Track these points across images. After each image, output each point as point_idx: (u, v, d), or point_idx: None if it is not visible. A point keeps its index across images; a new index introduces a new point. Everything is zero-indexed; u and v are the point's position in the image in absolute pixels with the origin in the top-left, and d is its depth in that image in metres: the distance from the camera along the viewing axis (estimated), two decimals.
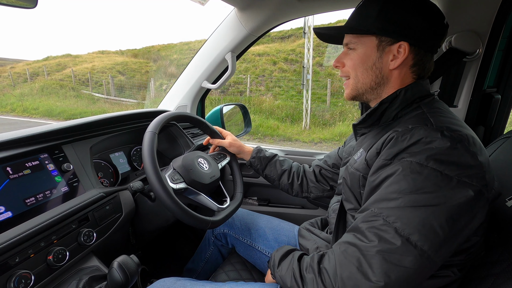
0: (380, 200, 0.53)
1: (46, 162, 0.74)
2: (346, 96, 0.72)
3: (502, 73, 1.03)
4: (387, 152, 0.55)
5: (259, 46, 12.26)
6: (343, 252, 0.53)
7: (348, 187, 0.70)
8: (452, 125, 0.55)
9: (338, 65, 0.71)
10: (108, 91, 12.53)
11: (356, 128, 0.73)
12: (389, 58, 0.63)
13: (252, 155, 1.05)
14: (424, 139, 0.52)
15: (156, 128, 0.85)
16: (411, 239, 0.48)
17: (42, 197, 0.69)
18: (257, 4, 1.08)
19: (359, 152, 0.69)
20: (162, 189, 0.75)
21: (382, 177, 0.55)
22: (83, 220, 0.75)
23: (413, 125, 0.56)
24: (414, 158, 0.51)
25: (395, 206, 0.50)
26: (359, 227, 0.54)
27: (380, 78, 0.65)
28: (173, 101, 1.42)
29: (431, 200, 0.49)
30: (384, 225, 0.50)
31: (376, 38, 0.63)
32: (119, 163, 1.06)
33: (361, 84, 0.67)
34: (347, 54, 0.69)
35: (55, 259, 0.65)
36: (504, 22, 0.93)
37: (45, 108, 10.67)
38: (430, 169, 0.49)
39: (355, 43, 0.66)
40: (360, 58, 0.65)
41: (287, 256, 0.68)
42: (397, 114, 0.64)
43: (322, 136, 7.45)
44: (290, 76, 10.80)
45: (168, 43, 16.98)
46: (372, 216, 0.52)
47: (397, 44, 0.61)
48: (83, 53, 18.19)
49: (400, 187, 0.51)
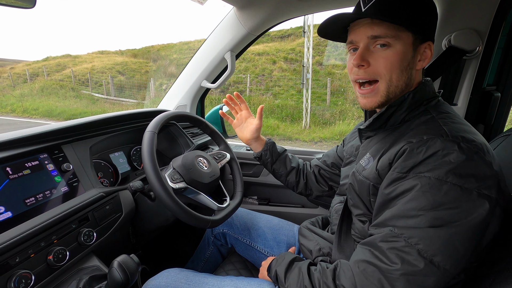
0: (399, 216, 0.52)
1: (45, 162, 0.74)
2: (373, 104, 0.62)
3: (501, 71, 1.03)
4: (402, 165, 0.53)
5: (258, 46, 12.24)
6: (362, 272, 0.52)
7: (356, 193, 0.68)
8: (467, 134, 0.53)
9: (363, 64, 0.59)
10: (108, 91, 12.53)
11: (362, 131, 0.71)
12: (418, 58, 0.60)
13: (264, 148, 1.01)
14: (441, 152, 0.50)
15: (155, 128, 0.85)
16: (434, 260, 0.48)
17: (42, 197, 0.69)
18: (256, 3, 1.07)
19: (366, 157, 0.67)
20: (162, 188, 0.76)
21: (399, 191, 0.53)
22: (83, 220, 0.75)
23: (428, 136, 0.53)
24: (432, 173, 0.49)
25: (416, 224, 0.49)
26: (378, 245, 0.52)
27: (409, 81, 0.60)
28: (173, 100, 1.42)
29: (453, 216, 0.48)
30: (407, 247, 0.49)
31: (412, 34, 0.57)
32: (119, 163, 1.06)
33: (394, 88, 0.60)
34: (371, 50, 0.58)
35: (55, 259, 0.65)
36: (503, 20, 0.92)
37: (45, 108, 10.67)
38: (449, 184, 0.48)
39: (392, 37, 0.56)
40: (398, 57, 0.57)
41: (292, 267, 0.67)
42: (405, 117, 0.62)
43: (322, 135, 7.44)
44: (290, 75, 10.79)
45: (168, 43, 16.98)
46: (393, 237, 0.51)
47: (425, 44, 0.59)
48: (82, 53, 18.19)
49: (420, 204, 0.49)
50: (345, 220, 0.75)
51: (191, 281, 0.75)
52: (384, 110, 0.62)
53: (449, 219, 0.48)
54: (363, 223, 0.68)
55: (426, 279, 0.48)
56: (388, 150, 0.60)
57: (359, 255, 0.55)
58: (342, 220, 0.75)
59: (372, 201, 0.63)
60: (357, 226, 0.71)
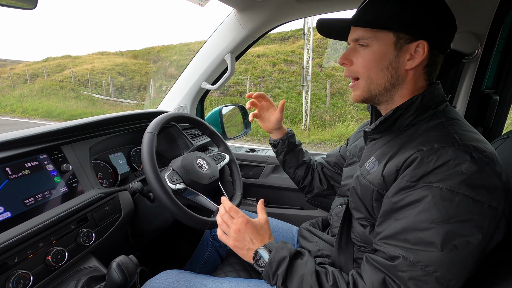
0: (410, 229, 0.51)
1: (45, 162, 0.75)
2: (356, 98, 0.66)
3: (500, 74, 1.03)
4: (411, 174, 0.52)
5: (258, 47, 12.27)
6: None
7: (359, 197, 0.67)
8: (478, 143, 0.52)
9: (346, 63, 0.65)
10: (108, 92, 12.54)
11: (367, 134, 0.70)
12: (406, 58, 0.59)
13: (284, 137, 1.00)
14: (452, 162, 0.49)
15: (155, 129, 0.85)
16: (451, 284, 0.48)
17: (41, 198, 0.69)
18: (256, 5, 1.08)
19: (370, 160, 0.66)
20: (161, 189, 0.76)
21: (408, 200, 0.52)
22: (82, 221, 0.75)
23: (439, 145, 0.52)
24: (444, 183, 0.49)
25: (428, 239, 0.49)
26: (397, 274, 0.51)
27: (396, 79, 0.61)
28: (173, 102, 1.42)
29: (465, 230, 0.48)
30: (425, 276, 0.49)
31: (393, 34, 0.58)
32: (118, 163, 1.06)
33: (375, 86, 0.62)
34: (356, 51, 0.63)
35: (54, 259, 0.65)
36: (502, 23, 0.93)
37: (45, 109, 10.68)
38: (461, 195, 0.48)
39: (368, 38, 0.60)
40: (375, 56, 0.60)
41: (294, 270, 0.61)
42: (411, 121, 0.61)
43: (322, 137, 7.45)
44: (290, 77, 10.81)
45: (168, 44, 17.01)
46: (409, 266, 0.50)
47: (415, 43, 0.58)
48: (82, 54, 18.23)
49: (431, 216, 0.49)
50: (346, 223, 0.74)
51: (189, 282, 0.75)
52: (391, 112, 0.61)
53: (462, 233, 0.47)
54: (364, 227, 0.67)
55: None
56: (396, 155, 0.58)
57: (375, 276, 0.53)
58: (343, 223, 0.75)
59: (375, 206, 0.63)
60: (357, 230, 0.70)
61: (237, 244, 0.66)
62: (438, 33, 0.58)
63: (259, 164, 1.46)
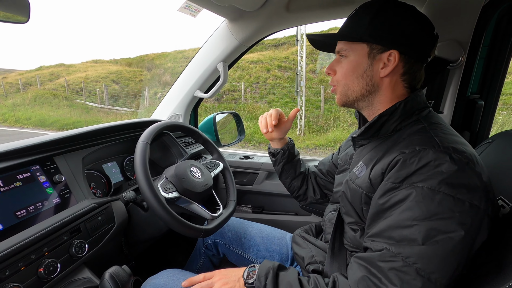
0: (394, 227, 0.53)
1: (37, 174, 0.75)
2: (337, 102, 0.72)
3: (484, 80, 1.06)
4: (395, 175, 0.55)
5: (253, 54, 12.38)
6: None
7: (349, 201, 0.69)
8: (458, 145, 0.55)
9: (330, 72, 0.71)
10: (102, 100, 12.49)
11: (355, 140, 0.73)
12: (380, 66, 0.63)
13: (284, 147, 1.00)
14: (433, 162, 0.52)
15: (148, 138, 0.86)
16: (432, 277, 0.49)
17: (33, 209, 0.69)
18: (247, 15, 1.10)
19: (359, 165, 0.68)
20: (154, 198, 0.76)
21: (393, 201, 0.54)
22: (74, 232, 0.74)
23: (420, 147, 0.55)
24: (425, 183, 0.51)
25: (411, 235, 0.51)
26: (378, 265, 0.53)
27: (371, 86, 0.65)
28: (166, 110, 1.43)
29: (447, 226, 0.49)
30: (405, 267, 0.50)
31: (367, 45, 0.63)
32: (111, 173, 1.06)
33: (351, 92, 0.67)
34: (339, 61, 0.69)
35: (46, 271, 0.64)
36: (483, 31, 0.97)
37: (38, 118, 10.57)
38: (442, 194, 0.50)
39: (346, 50, 0.66)
40: (351, 66, 0.65)
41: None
42: (396, 126, 0.64)
43: (317, 142, 7.49)
44: (284, 83, 10.90)
45: (162, 52, 17.08)
46: (391, 256, 0.52)
47: (387, 52, 0.61)
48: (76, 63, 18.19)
49: (414, 214, 0.51)
50: (338, 228, 0.76)
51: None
52: (376, 118, 0.64)
53: (444, 229, 0.49)
54: (355, 232, 0.69)
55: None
56: (381, 159, 0.61)
57: (357, 273, 0.55)
58: (335, 229, 0.76)
59: (364, 210, 0.64)
60: (349, 235, 0.71)
61: (229, 286, 0.68)
62: (410, 42, 0.61)
63: (253, 171, 1.47)
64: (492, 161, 0.77)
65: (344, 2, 1.01)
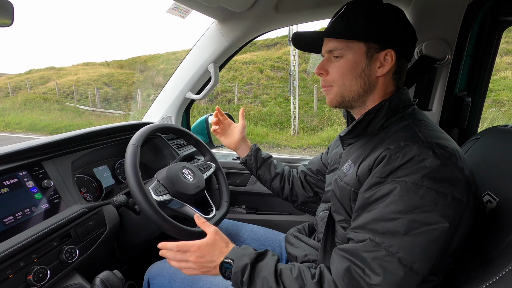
0: (378, 220, 0.54)
1: (25, 179, 0.73)
2: (330, 103, 0.71)
3: (471, 78, 1.08)
4: (381, 170, 0.56)
5: (245, 55, 12.39)
6: (348, 285, 0.53)
7: (338, 199, 0.70)
8: (441, 140, 0.56)
9: (322, 73, 0.69)
10: (94, 103, 12.34)
11: (343, 138, 0.73)
12: (377, 65, 0.64)
13: (249, 153, 1.03)
14: (417, 158, 0.53)
15: (138, 141, 0.85)
16: (414, 267, 0.50)
17: (21, 216, 0.68)
18: (237, 16, 1.10)
19: (347, 163, 0.69)
20: (145, 202, 0.76)
21: (378, 195, 0.55)
22: (65, 237, 0.73)
23: (404, 142, 0.56)
24: (409, 178, 0.52)
25: (394, 227, 0.52)
26: (361, 256, 0.54)
27: (368, 85, 0.65)
28: (158, 112, 1.42)
29: (429, 219, 0.50)
30: (388, 256, 0.51)
31: (364, 44, 0.63)
32: (103, 177, 1.05)
33: (349, 92, 0.67)
34: (330, 61, 0.67)
35: (35, 278, 0.63)
36: (469, 29, 0.98)
37: (28, 122, 10.39)
38: (425, 188, 0.51)
39: (341, 49, 0.64)
40: (349, 65, 0.64)
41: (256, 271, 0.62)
42: (383, 124, 0.65)
43: (311, 141, 7.53)
44: (277, 83, 10.93)
45: (155, 53, 16.96)
46: (374, 246, 0.53)
47: (384, 52, 0.62)
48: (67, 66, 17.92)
49: (398, 207, 0.52)
50: (330, 227, 0.76)
51: None
52: (362, 117, 0.65)
53: (426, 221, 0.50)
54: (344, 229, 0.70)
55: (406, 285, 0.51)
56: (368, 156, 0.62)
57: (341, 265, 0.56)
58: (327, 228, 0.76)
59: (353, 207, 0.65)
60: (339, 234, 0.72)
61: (204, 270, 0.66)
62: (403, 42, 0.63)
63: (246, 172, 1.47)
64: (479, 157, 0.78)
65: (331, 3, 1.02)
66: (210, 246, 0.67)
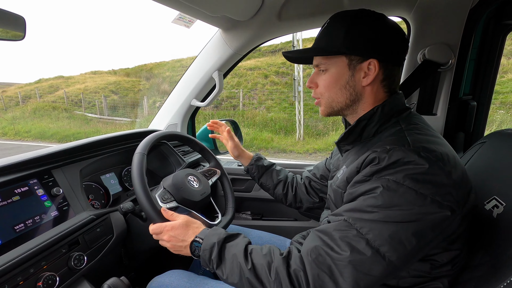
0: (356, 210, 0.55)
1: (35, 187, 0.75)
2: (322, 113, 0.73)
3: (476, 81, 1.08)
4: (367, 170, 0.57)
5: (250, 61, 12.48)
6: (314, 261, 0.54)
7: (334, 203, 0.71)
8: (428, 144, 0.57)
9: (312, 86, 0.72)
10: (101, 110, 12.54)
11: (340, 145, 0.74)
12: (361, 76, 0.64)
13: (251, 162, 1.07)
14: (402, 160, 0.54)
15: (144, 149, 0.86)
16: (381, 250, 0.51)
17: (31, 223, 0.70)
18: (240, 25, 1.13)
19: (341, 169, 0.70)
20: (152, 210, 0.77)
21: (360, 191, 0.57)
22: (73, 244, 0.75)
23: (390, 146, 0.57)
24: (392, 176, 0.53)
25: (369, 218, 0.53)
26: (332, 234, 0.55)
27: (354, 95, 0.67)
28: (164, 120, 1.44)
29: (404, 217, 0.51)
30: (357, 236, 0.53)
31: (346, 57, 0.64)
32: (110, 184, 1.07)
33: (336, 103, 0.69)
34: (319, 74, 0.70)
35: (45, 285, 0.64)
36: (472, 33, 0.98)
37: (38, 130, 10.60)
38: (406, 187, 0.52)
39: (325, 64, 0.67)
40: (333, 79, 0.67)
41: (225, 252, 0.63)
42: (377, 130, 0.65)
43: (316, 146, 7.50)
44: (282, 89, 10.96)
45: (160, 61, 17.23)
46: (346, 226, 0.55)
47: (367, 62, 0.63)
48: (75, 74, 18.29)
49: (376, 202, 0.53)
50: None
51: (192, 280, 0.79)
52: (356, 123, 0.66)
53: (400, 218, 0.51)
54: None
55: (372, 267, 0.51)
56: (357, 159, 0.63)
57: (311, 243, 0.57)
58: None
59: None
60: None
61: (177, 249, 0.71)
62: (386, 49, 0.63)
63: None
64: (485, 162, 0.77)
65: (333, 10, 1.03)
66: (182, 226, 0.72)
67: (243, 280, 0.59)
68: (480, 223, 0.64)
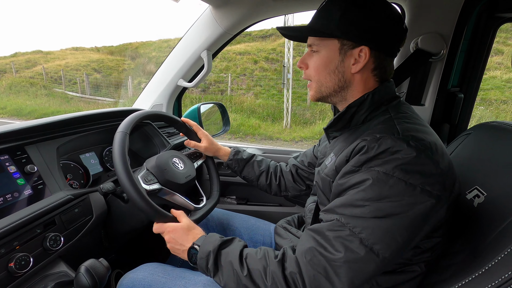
0: (347, 205, 0.55)
1: (6, 164, 0.70)
2: (311, 98, 0.72)
3: (464, 74, 1.09)
4: (356, 160, 0.57)
5: (240, 45, 12.23)
6: (309, 262, 0.54)
7: (321, 190, 0.71)
8: (418, 133, 0.57)
9: (302, 66, 0.70)
10: (83, 89, 12.04)
11: (328, 131, 0.74)
12: (351, 62, 0.63)
13: (229, 157, 1.04)
14: (391, 149, 0.54)
15: (127, 128, 0.82)
16: (374, 248, 0.51)
17: (2, 201, 0.66)
18: (232, 2, 1.07)
19: (330, 156, 0.70)
20: (134, 190, 0.73)
21: (351, 183, 0.56)
22: (49, 224, 0.71)
23: (380, 134, 0.56)
24: (381, 168, 0.53)
25: (361, 214, 0.53)
26: (325, 234, 0.55)
27: (343, 82, 0.65)
28: (149, 99, 1.39)
29: (395, 208, 0.52)
30: (351, 236, 0.53)
31: (338, 41, 0.63)
32: (90, 164, 1.02)
33: (325, 88, 0.67)
34: (311, 55, 0.68)
35: (17, 266, 0.61)
36: (465, 24, 0.98)
37: (14, 107, 10.09)
38: (395, 178, 0.52)
39: (318, 45, 0.66)
40: (323, 61, 0.65)
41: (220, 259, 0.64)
42: (366, 117, 0.65)
43: (303, 134, 7.56)
44: (271, 75, 10.87)
45: (147, 41, 16.62)
46: (339, 226, 0.54)
47: (358, 48, 0.61)
48: (55, 50, 17.35)
49: (367, 195, 0.53)
50: (317, 219, 0.77)
51: (168, 274, 0.76)
52: (345, 110, 0.65)
53: (391, 211, 0.52)
54: None
55: (367, 266, 0.52)
56: (347, 148, 0.62)
57: (305, 244, 0.57)
58: (314, 219, 0.77)
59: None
60: None
61: (175, 252, 0.71)
62: (380, 38, 0.61)
63: None
64: (469, 152, 0.79)
65: None
66: (184, 230, 0.71)
67: (240, 286, 0.59)
68: (461, 212, 0.66)
